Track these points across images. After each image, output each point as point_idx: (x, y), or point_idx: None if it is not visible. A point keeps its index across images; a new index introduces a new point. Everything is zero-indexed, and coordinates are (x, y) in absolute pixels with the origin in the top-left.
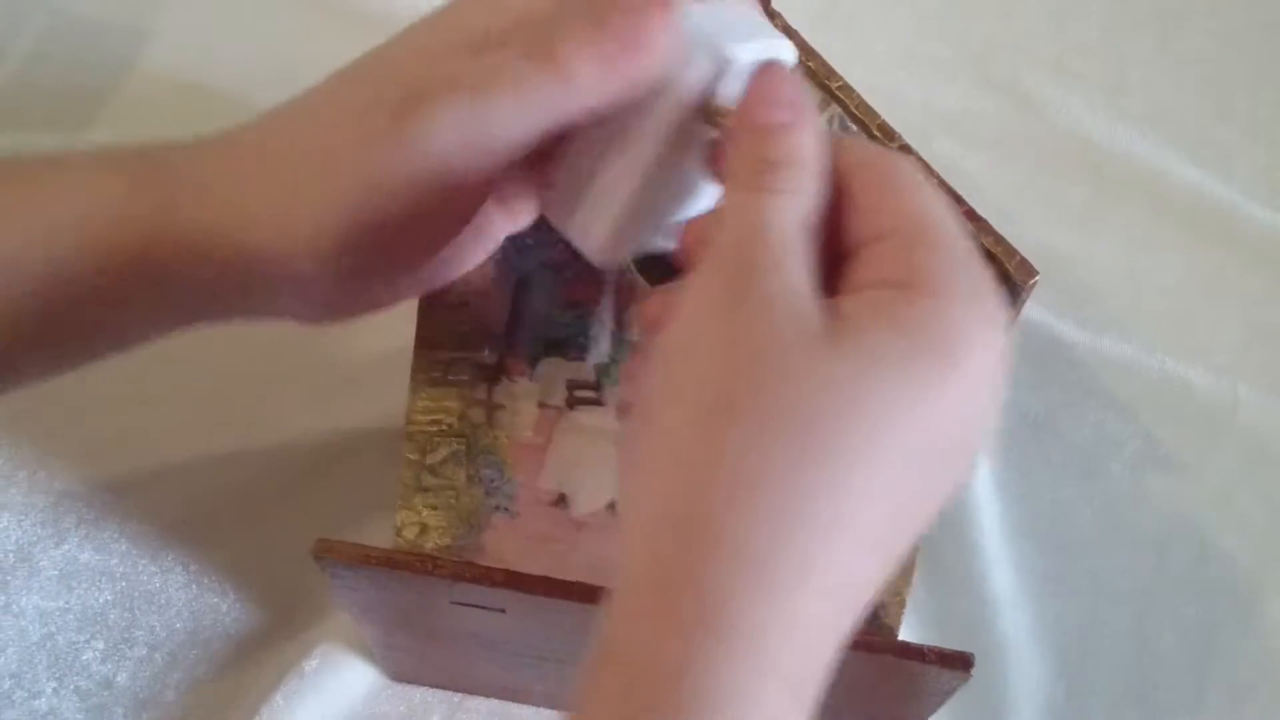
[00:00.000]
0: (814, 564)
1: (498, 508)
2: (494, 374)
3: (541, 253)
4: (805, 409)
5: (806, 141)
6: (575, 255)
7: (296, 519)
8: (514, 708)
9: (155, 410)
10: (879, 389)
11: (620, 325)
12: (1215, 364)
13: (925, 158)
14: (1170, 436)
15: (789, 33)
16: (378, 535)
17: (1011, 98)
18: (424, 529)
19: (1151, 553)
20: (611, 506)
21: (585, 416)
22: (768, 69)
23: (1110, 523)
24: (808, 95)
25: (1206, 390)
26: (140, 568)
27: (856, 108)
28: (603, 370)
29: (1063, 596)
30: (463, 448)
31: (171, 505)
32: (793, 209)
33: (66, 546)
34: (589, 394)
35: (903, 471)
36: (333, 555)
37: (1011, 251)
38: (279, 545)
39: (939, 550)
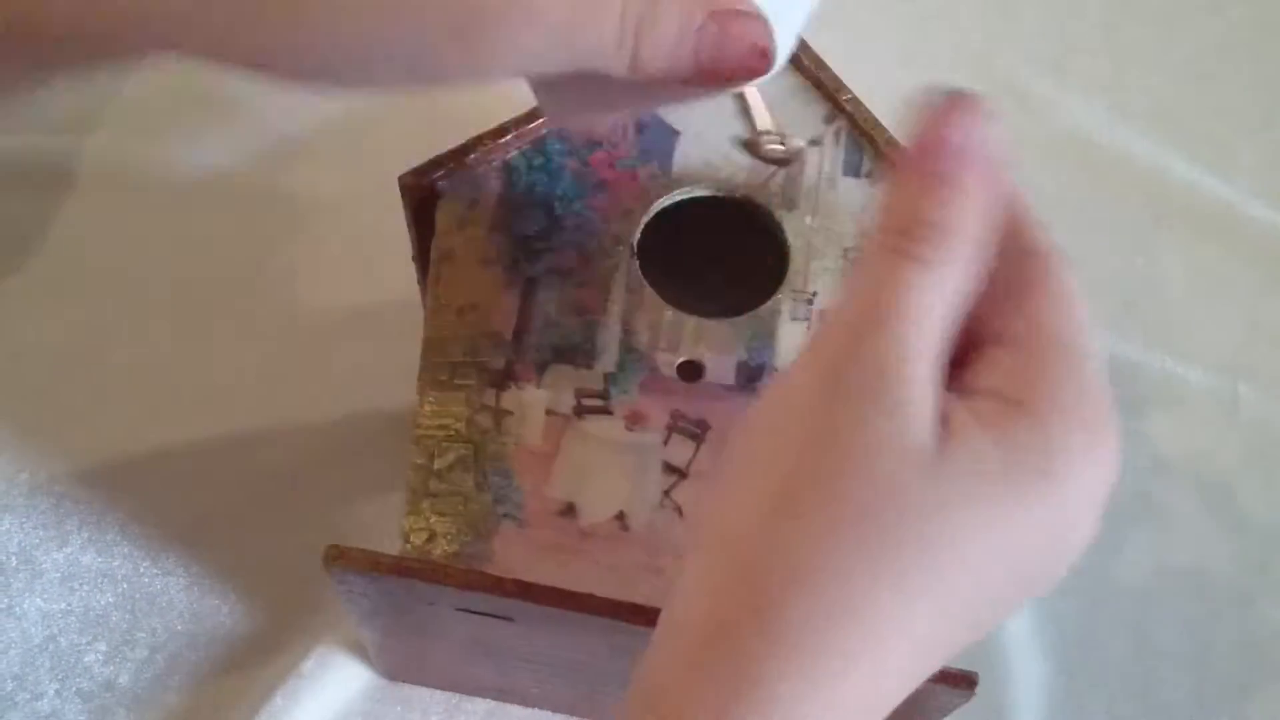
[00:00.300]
0: (861, 660)
1: (505, 515)
2: (502, 380)
3: (551, 258)
4: (889, 520)
5: (973, 205)
6: (583, 260)
7: (297, 521)
8: (511, 709)
9: (157, 413)
10: (970, 506)
11: (628, 333)
12: (1215, 362)
13: None
14: (1170, 435)
15: (799, 45)
16: (381, 538)
17: (1011, 97)
18: (432, 536)
19: (1151, 551)
20: (619, 517)
21: (593, 425)
22: (954, 102)
23: (1110, 521)
24: (993, 144)
25: (1207, 388)
26: (142, 570)
27: (864, 122)
28: (611, 379)
29: (1062, 595)
30: (470, 453)
31: (173, 508)
32: (938, 286)
33: (69, 549)
34: (597, 403)
35: (975, 589)
36: (343, 562)
37: None
38: (280, 547)
39: None
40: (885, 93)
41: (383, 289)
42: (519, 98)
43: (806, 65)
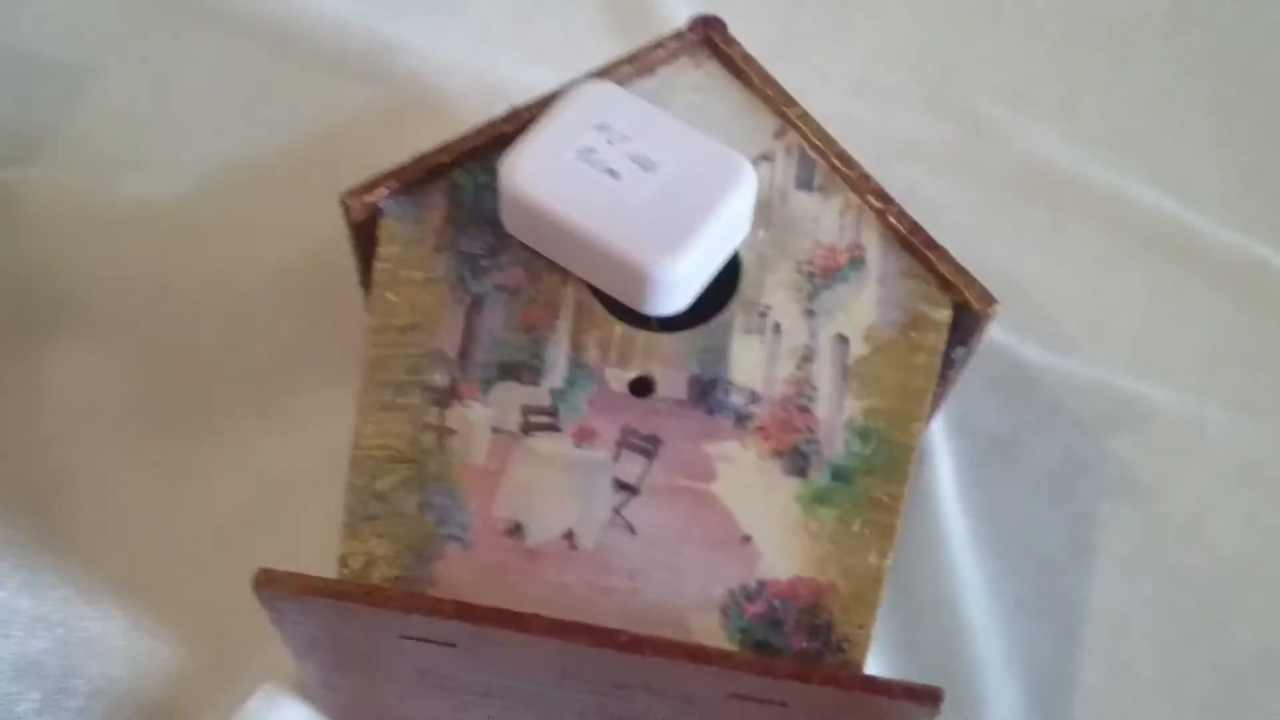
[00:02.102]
0: None
1: (450, 537)
2: (445, 398)
3: (498, 275)
4: None
5: None
6: (531, 277)
7: (237, 558)
8: None
9: (93, 449)
10: None
11: (577, 350)
12: (1181, 383)
13: (884, 184)
14: (1139, 457)
15: (746, 60)
16: (324, 570)
17: (968, 123)
18: (371, 560)
19: (1123, 575)
20: (568, 536)
21: (541, 443)
22: None
23: (1081, 545)
24: None
25: (1173, 410)
26: (79, 614)
27: (815, 135)
28: (558, 395)
29: (1035, 620)
30: (413, 474)
31: (111, 548)
32: None
33: (3, 594)
34: (545, 419)
35: None
36: (275, 586)
37: (970, 280)
38: (220, 585)
39: (909, 575)
40: (841, 121)
41: (332, 318)
42: (465, 116)
43: (755, 81)
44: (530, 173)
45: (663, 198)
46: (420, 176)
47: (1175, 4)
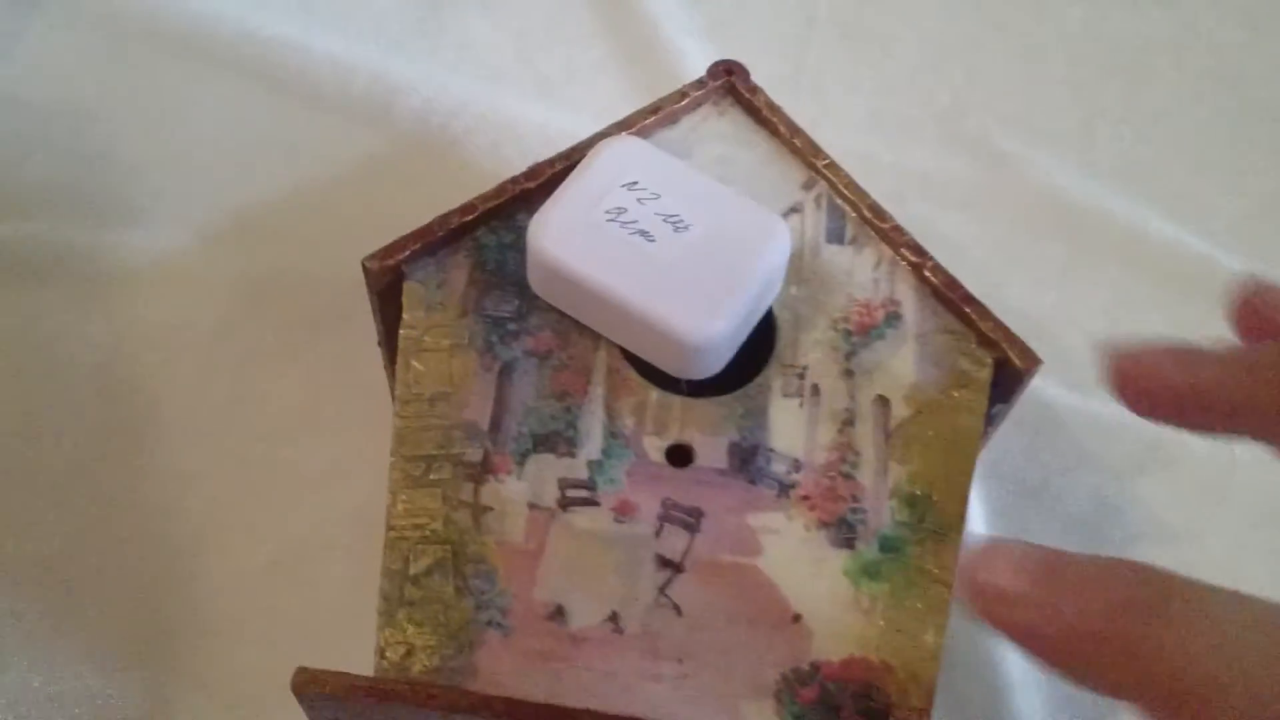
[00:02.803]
0: None
1: (490, 623)
2: (479, 473)
3: (526, 340)
4: None
5: None
6: (561, 341)
7: (257, 625)
8: None
9: (102, 517)
10: None
11: (612, 417)
12: None
13: (902, 221)
14: (1169, 501)
15: (771, 109)
16: (350, 648)
17: (982, 157)
18: (410, 650)
19: None
20: (613, 619)
21: (580, 518)
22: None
23: None
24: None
25: (1202, 450)
26: (95, 691)
27: (844, 186)
28: (596, 467)
29: None
30: (448, 555)
31: (126, 623)
32: None
33: (12, 674)
34: (582, 493)
35: None
36: (315, 686)
37: (1011, 337)
38: (240, 654)
39: (949, 635)
40: (855, 157)
41: (346, 372)
42: (487, 173)
43: (781, 131)
44: (559, 235)
45: (696, 259)
46: (443, 237)
47: (1183, 30)
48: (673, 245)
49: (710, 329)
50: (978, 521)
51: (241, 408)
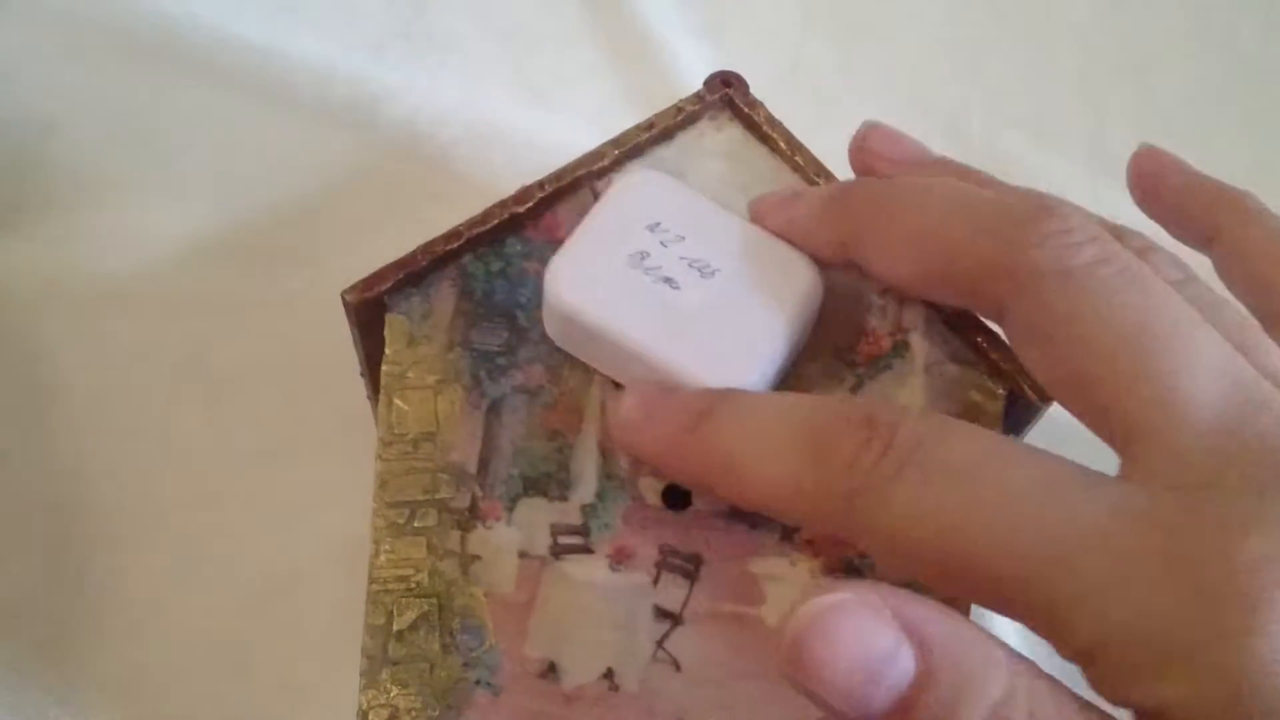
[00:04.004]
0: None
1: (478, 682)
2: (467, 519)
3: (516, 375)
4: None
5: None
6: (552, 375)
7: (235, 660)
8: None
9: (61, 555)
10: None
11: (607, 457)
12: None
13: None
14: None
15: (771, 124)
16: (330, 672)
17: (990, 161)
18: (394, 713)
19: None
20: (608, 675)
21: (573, 567)
22: None
23: None
24: None
25: None
26: None
27: None
28: (590, 511)
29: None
30: (434, 609)
31: (99, 658)
32: None
33: None
34: (576, 540)
35: None
36: None
37: (1024, 368)
38: (217, 691)
39: None
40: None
41: (326, 396)
42: (477, 183)
43: (783, 148)
44: (579, 284)
45: (724, 307)
46: (427, 265)
47: (1199, 24)
48: (699, 293)
49: (742, 383)
50: None
51: (215, 435)
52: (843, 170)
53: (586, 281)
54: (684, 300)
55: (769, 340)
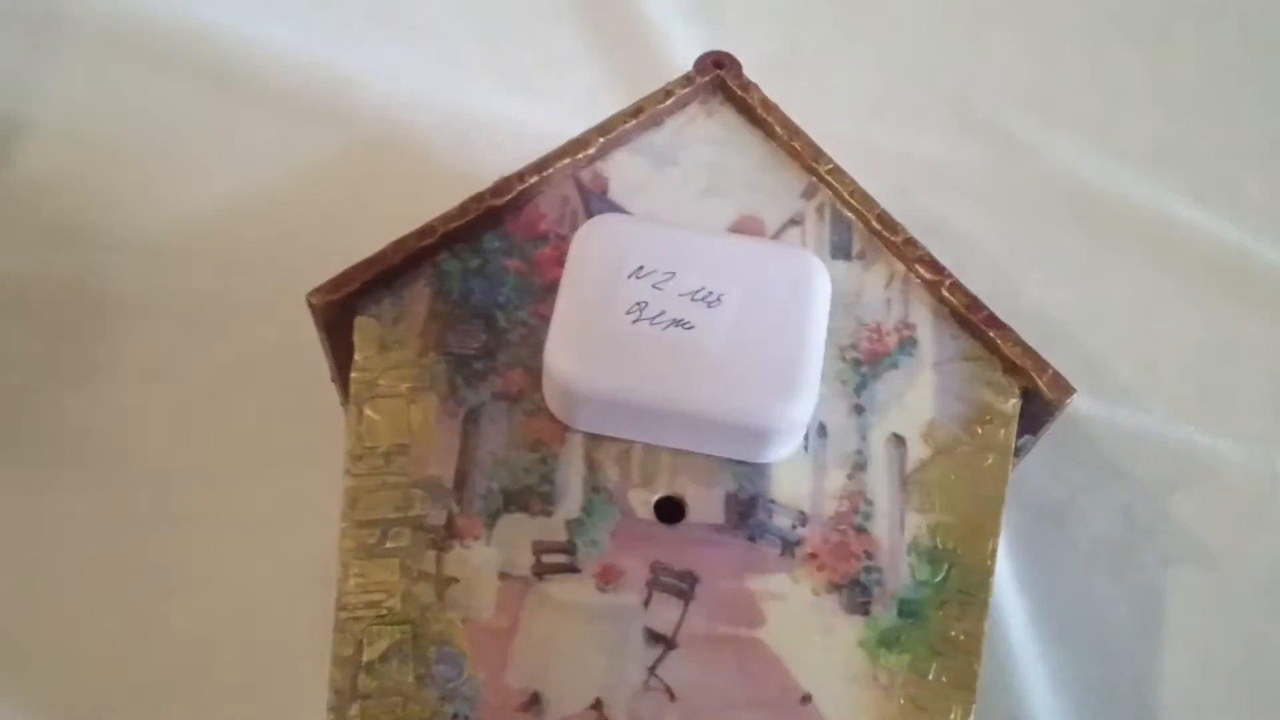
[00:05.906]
0: None
1: (456, 716)
2: (443, 539)
3: (495, 380)
4: None
5: None
6: (534, 380)
7: (204, 683)
8: None
9: (25, 588)
10: None
11: (593, 469)
12: (1246, 432)
13: (904, 216)
14: (1205, 518)
15: (766, 107)
16: (298, 697)
17: (995, 142)
18: None
19: (1195, 653)
20: (596, 707)
21: (558, 588)
22: None
23: (1148, 622)
24: None
25: (1239, 462)
26: None
27: (851, 195)
28: (575, 527)
29: (1105, 711)
30: (408, 637)
31: (71, 679)
32: None
33: None
34: (560, 558)
35: None
36: None
37: (1041, 364)
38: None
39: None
40: (859, 147)
41: (300, 402)
42: (455, 173)
43: (779, 132)
44: (588, 360)
45: (745, 332)
46: (399, 264)
47: None
48: (714, 326)
49: (794, 410)
50: (1001, 550)
51: (184, 447)
52: (843, 156)
53: (594, 354)
54: (702, 339)
55: (803, 352)
